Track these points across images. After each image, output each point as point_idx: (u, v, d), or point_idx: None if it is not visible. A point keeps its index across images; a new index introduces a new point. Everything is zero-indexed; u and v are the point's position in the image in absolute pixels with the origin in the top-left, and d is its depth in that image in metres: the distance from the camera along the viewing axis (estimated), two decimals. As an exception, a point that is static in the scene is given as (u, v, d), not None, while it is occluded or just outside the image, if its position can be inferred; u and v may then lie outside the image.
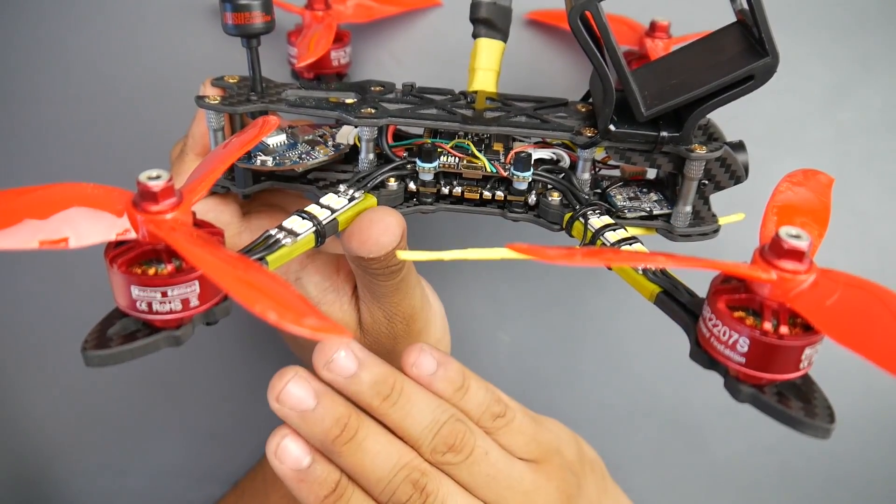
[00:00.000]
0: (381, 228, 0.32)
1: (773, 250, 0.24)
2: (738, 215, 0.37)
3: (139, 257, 0.26)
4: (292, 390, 0.32)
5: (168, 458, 0.54)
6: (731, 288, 0.26)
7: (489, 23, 0.39)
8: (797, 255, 0.24)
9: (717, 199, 0.38)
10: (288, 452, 0.31)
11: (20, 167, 0.51)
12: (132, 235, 0.25)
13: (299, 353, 0.44)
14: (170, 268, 0.25)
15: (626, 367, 0.44)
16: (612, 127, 0.34)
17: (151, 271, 0.25)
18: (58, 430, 0.54)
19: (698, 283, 0.29)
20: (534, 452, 0.35)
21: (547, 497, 0.35)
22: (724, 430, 0.50)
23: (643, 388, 0.40)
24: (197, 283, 0.25)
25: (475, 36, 0.39)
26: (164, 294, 0.25)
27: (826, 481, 0.50)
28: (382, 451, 0.32)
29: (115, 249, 0.26)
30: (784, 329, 0.24)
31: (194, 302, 0.26)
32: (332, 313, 0.38)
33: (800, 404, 0.25)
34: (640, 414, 0.42)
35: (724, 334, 0.25)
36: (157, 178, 0.25)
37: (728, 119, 0.36)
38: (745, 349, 0.24)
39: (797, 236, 0.24)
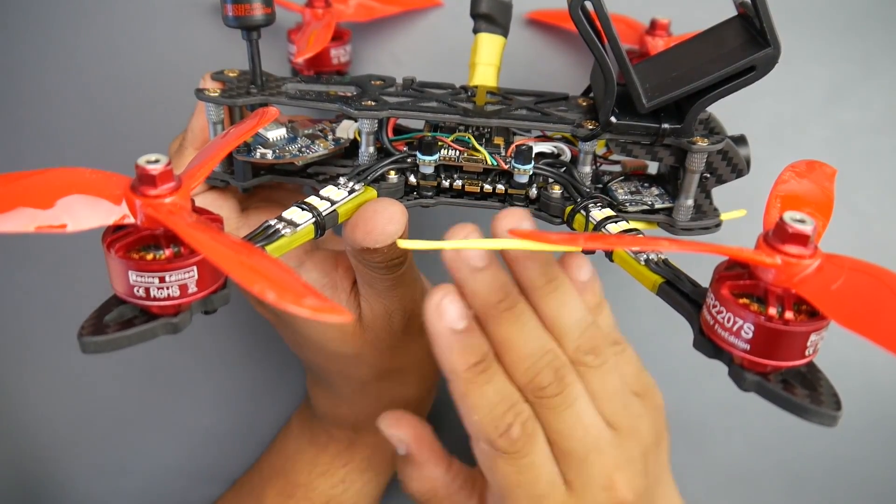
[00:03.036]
0: (386, 218, 0.32)
1: (778, 235, 0.24)
2: (740, 211, 0.37)
3: (137, 242, 0.25)
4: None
5: (167, 458, 0.54)
6: (735, 274, 0.25)
7: (490, 18, 0.39)
8: (802, 239, 0.24)
9: (716, 201, 0.38)
10: (449, 310, 0.32)
11: (20, 160, 0.51)
12: (130, 220, 0.25)
13: (282, 329, 0.43)
14: (168, 253, 0.25)
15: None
16: (613, 119, 0.33)
17: (149, 256, 0.25)
18: (57, 430, 0.54)
19: (700, 277, 0.29)
20: (638, 386, 0.37)
21: (648, 426, 0.36)
22: (724, 430, 0.50)
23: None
24: (195, 268, 0.25)
25: (475, 31, 0.39)
26: (162, 279, 0.25)
27: (826, 481, 0.49)
28: (535, 329, 0.33)
29: (113, 234, 0.25)
30: (789, 314, 0.24)
31: (192, 288, 0.25)
32: None
33: (805, 392, 0.25)
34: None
35: (728, 321, 0.25)
36: (156, 162, 0.25)
37: (728, 118, 0.36)
38: (750, 335, 0.24)
39: (801, 220, 0.24)
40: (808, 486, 0.50)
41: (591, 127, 0.34)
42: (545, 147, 0.36)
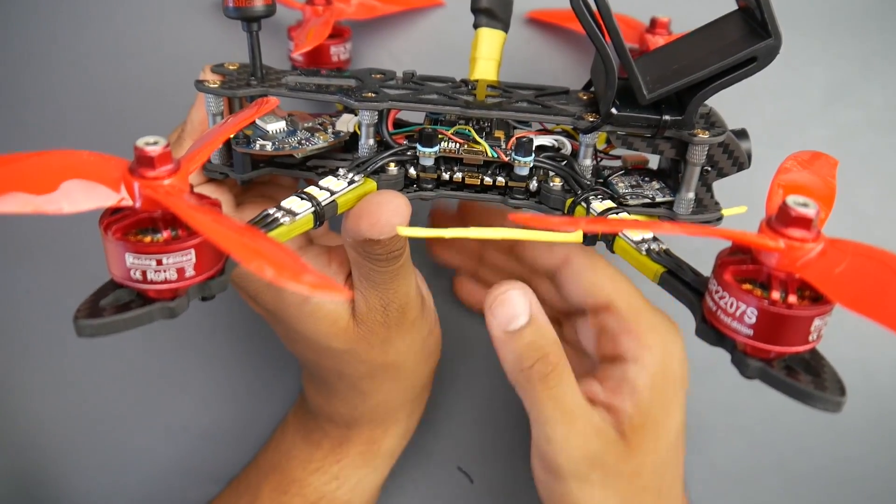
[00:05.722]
0: (392, 210, 0.32)
1: (781, 219, 0.24)
2: (741, 208, 0.37)
3: (135, 225, 0.25)
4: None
5: (165, 457, 0.53)
6: (738, 260, 0.25)
7: (490, 13, 0.39)
8: (805, 222, 0.23)
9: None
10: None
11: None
12: (128, 202, 0.25)
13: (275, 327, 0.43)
14: (165, 235, 0.25)
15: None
16: (614, 111, 0.33)
17: (147, 239, 0.25)
18: (54, 429, 0.53)
19: (701, 269, 0.29)
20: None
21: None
22: (724, 430, 0.50)
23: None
24: (193, 251, 0.25)
25: (476, 26, 0.39)
26: (160, 262, 0.24)
27: (826, 481, 0.49)
28: None
29: (111, 217, 0.25)
30: (792, 299, 0.24)
31: (190, 272, 0.25)
32: (324, 304, 0.37)
33: (809, 378, 0.24)
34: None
35: (731, 306, 0.25)
36: (155, 143, 0.25)
37: (727, 118, 0.36)
38: (753, 321, 0.24)
39: (805, 204, 0.24)
40: (807, 485, 0.49)
41: (591, 119, 0.34)
42: (546, 140, 0.36)
